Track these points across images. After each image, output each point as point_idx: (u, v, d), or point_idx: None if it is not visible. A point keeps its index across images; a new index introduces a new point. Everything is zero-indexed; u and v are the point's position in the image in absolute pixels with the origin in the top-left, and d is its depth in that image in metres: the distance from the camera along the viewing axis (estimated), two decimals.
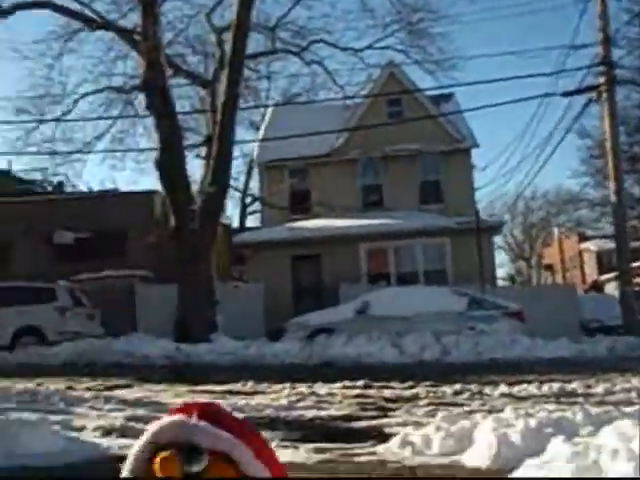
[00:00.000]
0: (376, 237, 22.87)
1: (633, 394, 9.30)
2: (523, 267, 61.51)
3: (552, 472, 3.14)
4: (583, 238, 50.16)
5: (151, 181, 75.69)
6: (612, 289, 31.81)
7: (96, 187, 32.08)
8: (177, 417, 1.29)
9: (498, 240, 52.68)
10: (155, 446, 1.22)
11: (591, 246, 48.99)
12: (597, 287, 41.56)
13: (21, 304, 17.96)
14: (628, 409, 6.80)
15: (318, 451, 6.42)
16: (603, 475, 2.90)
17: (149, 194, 26.01)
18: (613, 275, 31.97)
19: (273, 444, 6.85)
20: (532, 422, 5.91)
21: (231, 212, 65.19)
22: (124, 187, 45.11)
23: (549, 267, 55.76)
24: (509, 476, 3.55)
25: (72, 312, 18.30)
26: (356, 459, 6.04)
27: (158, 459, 1.18)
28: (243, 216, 38.58)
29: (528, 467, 3.50)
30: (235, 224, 36.88)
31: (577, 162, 46.75)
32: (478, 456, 5.65)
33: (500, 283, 29.65)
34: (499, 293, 20.16)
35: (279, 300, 21.40)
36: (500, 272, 52.39)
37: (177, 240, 18.32)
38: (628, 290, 20.97)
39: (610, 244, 37.27)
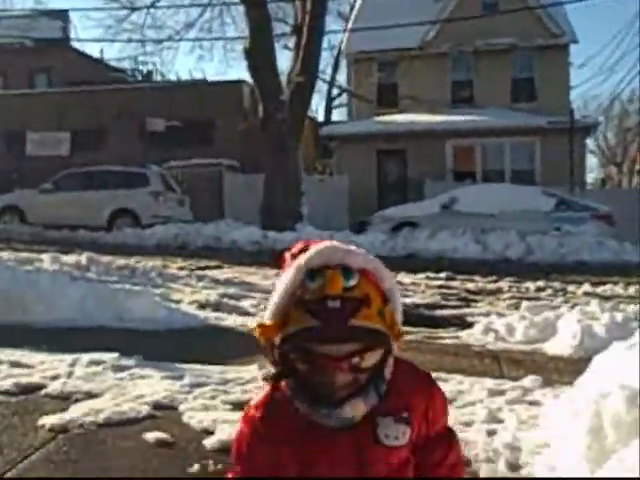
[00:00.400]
0: (464, 134, 22.45)
1: None
2: (614, 172, 59.21)
3: (637, 350, 3.23)
4: None
5: (238, 73, 75.66)
6: None
7: (184, 77, 32.39)
8: (329, 243, 1.45)
9: (590, 143, 50.72)
10: (306, 269, 1.39)
11: None
12: None
13: (116, 188, 18.77)
14: None
15: (404, 333, 6.68)
16: None
17: (238, 83, 26.12)
18: None
19: None
20: (618, 316, 5.96)
21: (317, 105, 64.66)
22: (212, 78, 45.33)
23: None
24: (594, 357, 3.66)
25: (164, 197, 19.01)
26: (439, 341, 6.28)
27: (328, 274, 1.35)
28: (329, 109, 38.36)
29: (614, 349, 3.60)
30: (321, 117, 36.75)
31: None
32: (560, 345, 5.78)
33: (589, 187, 28.71)
34: (588, 195, 19.66)
35: (363, 194, 21.53)
36: (589, 177, 50.72)
37: (265, 130, 18.50)
38: None
39: None
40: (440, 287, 10.07)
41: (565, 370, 5.02)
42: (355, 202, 20.93)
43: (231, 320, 6.96)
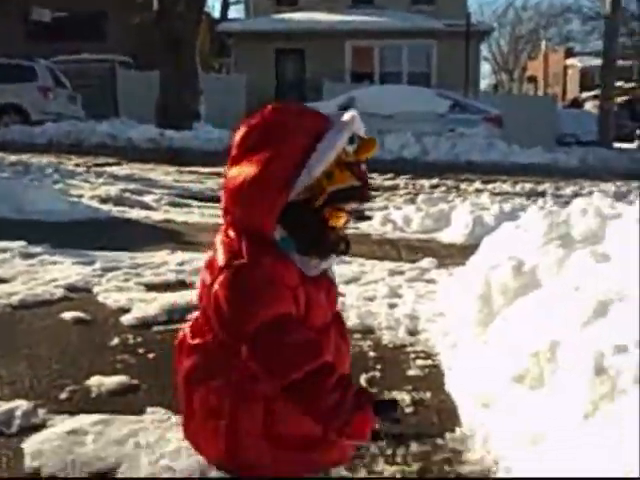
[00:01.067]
0: (363, 35, 22.40)
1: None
2: (505, 79, 60.85)
3: (527, 231, 3.57)
4: (569, 54, 49.36)
5: None
6: (591, 107, 31.96)
7: None
8: (352, 112, 1.55)
9: (483, 50, 51.64)
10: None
11: (576, 62, 48.38)
12: (577, 104, 41.59)
13: (1, 82, 17.67)
14: None
15: None
16: (572, 231, 3.34)
17: None
18: (593, 93, 32.07)
19: None
20: (506, 207, 6.41)
21: (213, 1, 62.21)
22: None
23: (532, 79, 55.32)
24: (484, 238, 3.99)
25: (54, 93, 18.13)
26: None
27: (367, 141, 1.48)
28: (226, 5, 37.04)
29: (503, 229, 3.94)
30: (217, 14, 35.50)
31: None
32: (454, 234, 6.19)
33: (482, 92, 29.48)
34: (481, 99, 20.27)
35: (261, 93, 21.25)
36: (482, 84, 51.88)
37: (160, 25, 17.79)
38: (607, 106, 21.25)
39: (595, 61, 36.93)
40: None
41: (458, 255, 5.40)
42: (253, 101, 20.68)
43: (135, 213, 6.98)
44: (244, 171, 1.46)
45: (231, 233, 1.54)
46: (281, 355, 1.43)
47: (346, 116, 1.54)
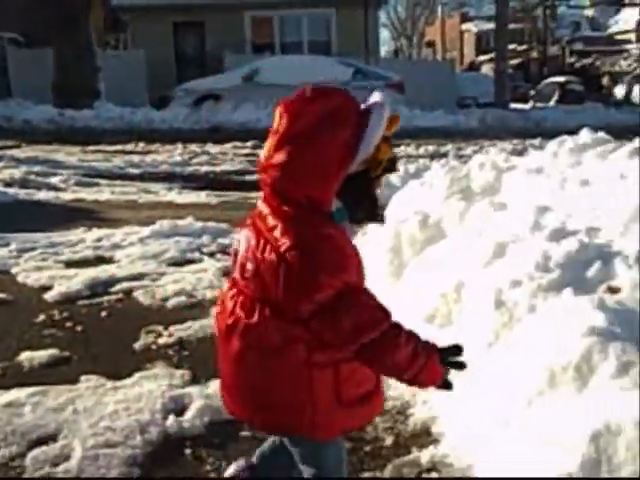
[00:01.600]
0: (261, 5, 22.25)
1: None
2: (405, 45, 61.75)
3: (432, 187, 3.80)
4: (465, 19, 50.56)
5: None
6: (488, 70, 32.92)
7: None
8: (384, 98, 1.67)
9: (382, 17, 52.08)
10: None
11: (472, 27, 49.64)
12: (474, 68, 42.74)
13: None
14: None
15: (218, 196, 7.01)
16: (472, 184, 3.59)
17: None
18: (489, 57, 33.07)
19: (174, 191, 7.39)
20: (411, 168, 6.69)
21: None
22: None
23: (431, 44, 56.35)
24: (392, 196, 4.19)
25: None
26: (253, 201, 6.66)
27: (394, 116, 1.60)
28: None
29: (410, 187, 4.17)
30: None
31: None
32: None
33: (383, 58, 29.88)
34: (382, 66, 20.59)
35: (161, 69, 20.87)
36: (382, 50, 52.46)
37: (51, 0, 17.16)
38: (502, 68, 22.00)
39: (490, 25, 38.00)
40: (247, 155, 10.43)
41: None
42: (153, 77, 20.27)
43: (42, 195, 6.86)
44: (304, 153, 1.53)
45: (286, 208, 1.54)
46: (361, 318, 1.50)
47: (379, 96, 1.70)
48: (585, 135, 3.28)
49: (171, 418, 2.46)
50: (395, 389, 2.54)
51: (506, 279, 2.38)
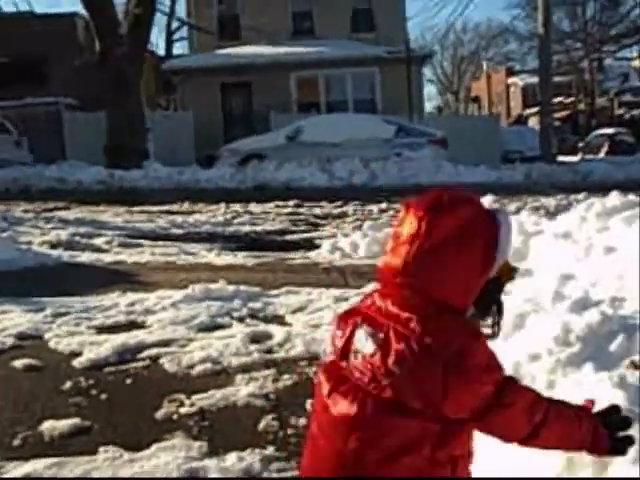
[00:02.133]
0: (307, 65, 22.74)
1: (541, 211, 10.24)
2: (451, 100, 62.15)
3: None
4: (510, 73, 50.70)
5: (70, 5, 70.79)
6: (535, 123, 32.76)
7: (7, 9, 30.14)
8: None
9: (428, 73, 52.68)
10: None
11: (518, 81, 49.70)
12: (521, 121, 42.68)
13: None
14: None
15: (256, 257, 7.05)
16: None
17: (71, 16, 24.75)
18: (536, 110, 32.93)
19: (213, 252, 7.46)
20: None
21: (156, 39, 62.38)
22: (40, 10, 42.61)
23: (476, 99, 56.56)
24: None
25: None
26: (290, 262, 6.70)
27: None
28: (170, 43, 37.20)
29: None
30: (162, 52, 35.64)
31: None
32: None
33: (427, 115, 30.13)
34: (426, 122, 20.72)
35: (209, 129, 21.41)
36: (429, 105, 52.96)
37: (104, 66, 17.85)
38: (547, 122, 21.89)
39: (535, 79, 37.97)
40: (289, 214, 10.50)
41: None
42: (201, 137, 20.79)
43: (85, 257, 7.00)
44: (445, 260, 1.56)
45: (415, 303, 1.55)
46: (526, 399, 1.57)
47: (491, 201, 1.79)
48: (614, 198, 3.21)
49: None
50: None
51: (525, 352, 2.31)
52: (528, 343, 2.36)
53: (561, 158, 23.40)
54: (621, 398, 1.95)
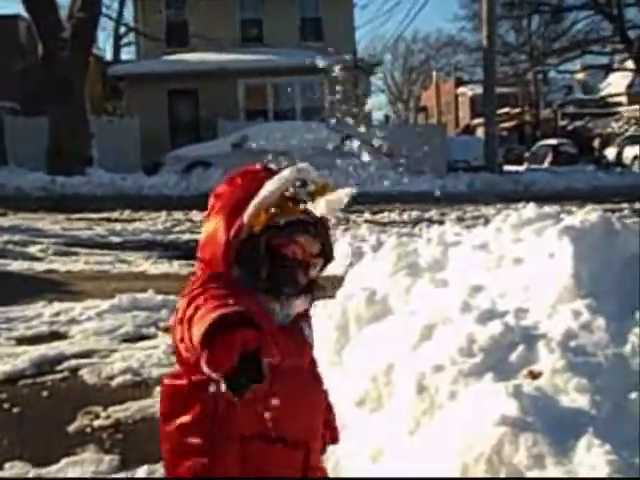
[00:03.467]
0: (255, 73, 22.70)
1: (481, 219, 10.39)
2: (401, 109, 62.83)
3: (382, 260, 3.77)
4: (459, 83, 51.51)
5: (13, 7, 69.48)
6: (482, 133, 33.28)
7: None
8: (300, 165, 1.65)
9: (379, 82, 53.24)
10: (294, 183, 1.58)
11: (467, 91, 50.52)
12: (469, 131, 43.38)
13: None
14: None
15: (191, 266, 6.98)
16: (419, 259, 3.56)
17: (13, 18, 24.25)
18: (484, 120, 33.51)
19: (150, 261, 7.37)
20: (384, 237, 6.68)
21: (103, 44, 61.61)
22: None
23: (423, 109, 57.33)
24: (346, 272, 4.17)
25: None
26: None
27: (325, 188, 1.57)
28: (117, 48, 36.75)
29: (365, 261, 4.15)
30: (109, 56, 35.20)
31: (457, 5, 46.94)
32: (334, 266, 6.37)
33: (376, 123, 30.35)
34: (373, 131, 20.87)
35: (156, 135, 21.18)
36: (379, 114, 53.32)
37: (47, 69, 17.51)
38: (491, 132, 22.29)
39: None
40: None
41: (339, 286, 5.58)
42: (148, 143, 20.54)
43: (16, 265, 6.83)
44: (207, 228, 1.60)
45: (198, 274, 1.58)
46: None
47: (287, 170, 1.67)
48: (530, 210, 3.28)
49: None
50: None
51: (430, 363, 2.33)
52: (434, 354, 2.39)
53: (507, 167, 23.83)
54: (514, 408, 1.98)
